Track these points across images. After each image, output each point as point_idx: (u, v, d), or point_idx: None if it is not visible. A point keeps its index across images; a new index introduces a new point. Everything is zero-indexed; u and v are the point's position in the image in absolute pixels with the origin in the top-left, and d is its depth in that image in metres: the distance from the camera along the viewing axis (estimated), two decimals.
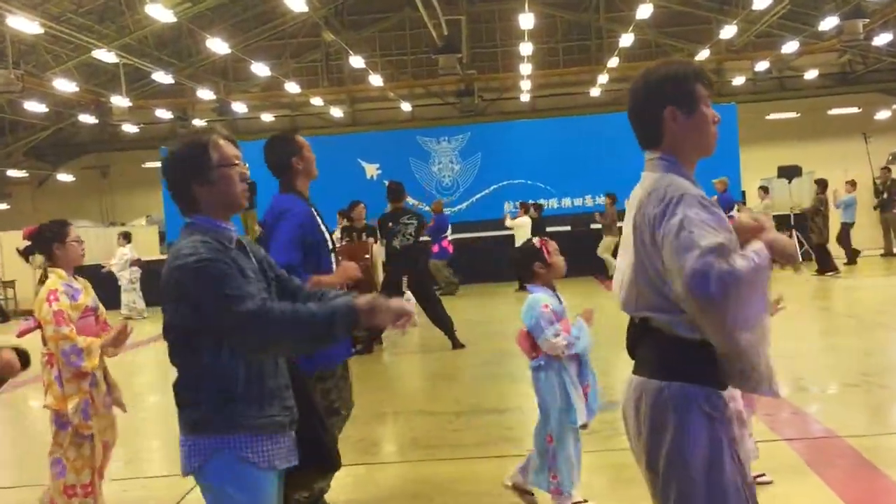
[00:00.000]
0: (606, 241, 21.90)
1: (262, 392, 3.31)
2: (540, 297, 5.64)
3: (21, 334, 5.76)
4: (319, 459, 3.67)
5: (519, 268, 5.84)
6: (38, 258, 6.06)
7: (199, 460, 3.26)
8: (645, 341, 3.13)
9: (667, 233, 2.92)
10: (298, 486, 4.53)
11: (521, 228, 21.30)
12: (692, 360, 2.99)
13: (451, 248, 20.41)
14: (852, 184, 22.78)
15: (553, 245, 5.74)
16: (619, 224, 20.78)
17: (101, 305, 6.12)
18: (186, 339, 3.27)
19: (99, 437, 5.85)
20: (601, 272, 21.75)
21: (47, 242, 5.87)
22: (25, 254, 5.98)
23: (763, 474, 5.89)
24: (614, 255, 21.54)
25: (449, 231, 20.82)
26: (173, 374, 3.36)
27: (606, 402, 8.73)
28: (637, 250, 3.08)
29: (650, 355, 3.11)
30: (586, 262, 21.73)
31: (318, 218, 5.78)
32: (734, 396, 3.07)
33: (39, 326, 5.77)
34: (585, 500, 5.69)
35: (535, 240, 5.86)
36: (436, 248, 18.99)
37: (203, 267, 3.21)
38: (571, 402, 5.56)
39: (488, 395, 9.61)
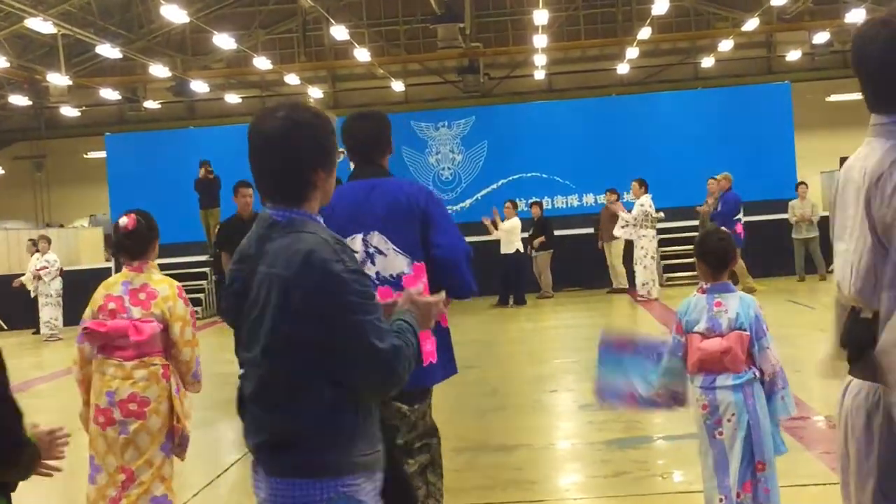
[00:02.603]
0: (616, 247, 21.79)
1: (373, 425, 3.33)
2: (753, 297, 5.55)
3: (143, 339, 5.66)
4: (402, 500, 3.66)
5: (720, 259, 5.59)
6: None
7: (318, 502, 3.20)
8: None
9: None
10: None
11: (512, 232, 21.16)
12: None
13: None
14: None
15: None
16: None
17: None
18: (312, 363, 3.19)
19: None
20: (618, 282, 21.79)
21: (155, 235, 5.98)
22: (132, 248, 5.94)
23: None
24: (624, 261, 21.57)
25: None
26: None
27: (635, 437, 8.76)
28: (876, 234, 3.03)
29: None
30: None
31: None
32: None
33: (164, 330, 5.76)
34: None
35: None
36: None
37: (353, 279, 3.17)
38: (775, 428, 5.45)
39: (494, 429, 9.60)
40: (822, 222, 20.23)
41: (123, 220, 5.90)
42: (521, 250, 21.39)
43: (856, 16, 31.96)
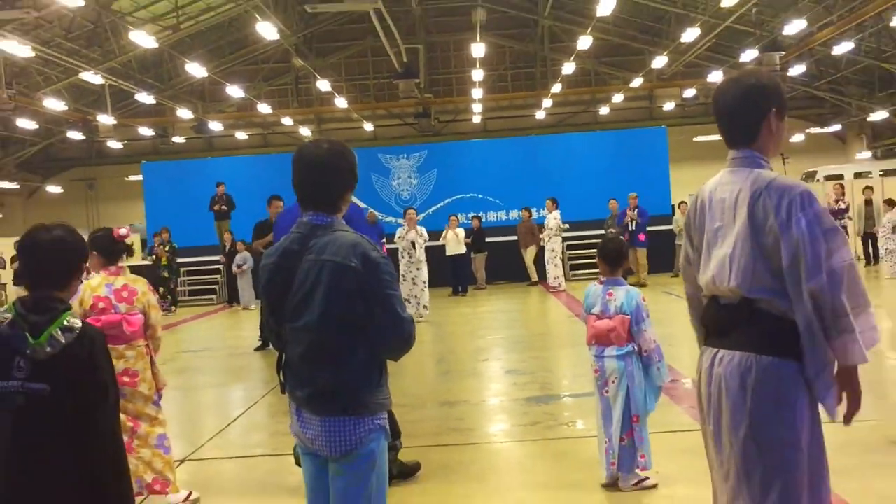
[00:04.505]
0: (531, 251, 22.01)
1: (386, 375, 3.44)
2: (638, 290, 5.63)
3: (135, 330, 5.64)
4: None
5: (615, 259, 5.65)
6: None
7: (361, 434, 3.32)
8: (751, 320, 3.07)
9: (809, 226, 2.95)
10: None
11: (460, 239, 21.28)
12: (795, 339, 2.98)
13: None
14: None
15: None
16: (542, 233, 21.02)
17: None
18: (357, 330, 3.30)
19: None
20: (536, 277, 21.87)
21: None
22: (126, 252, 5.91)
23: None
24: (534, 262, 21.78)
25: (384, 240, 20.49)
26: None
27: (548, 395, 8.80)
28: (756, 241, 3.05)
29: (760, 333, 3.05)
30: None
31: None
32: None
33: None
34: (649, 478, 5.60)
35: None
36: None
37: (384, 263, 3.32)
38: (648, 388, 5.51)
39: (441, 390, 9.62)
40: None
41: (124, 231, 5.87)
42: (464, 252, 21.48)
43: (716, 76, 32.31)
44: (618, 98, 37.46)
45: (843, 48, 30.47)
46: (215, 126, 38.20)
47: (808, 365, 2.98)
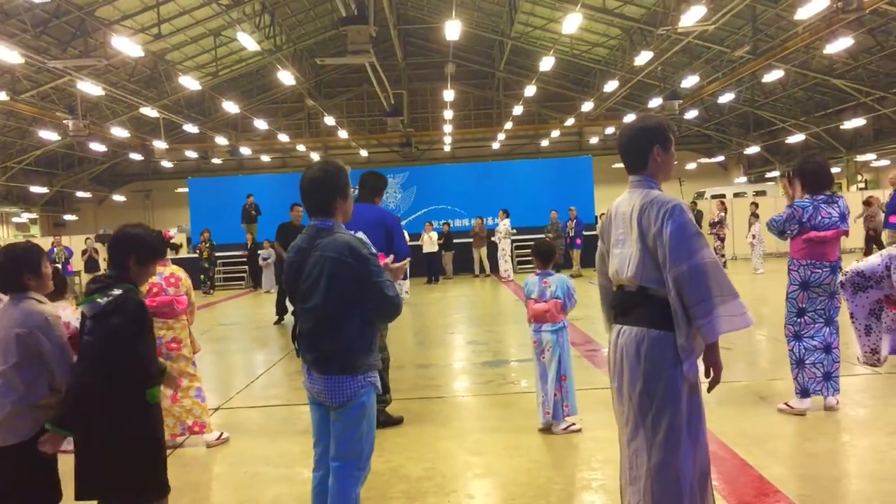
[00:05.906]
0: (481, 251, 22.10)
1: (376, 344, 3.40)
2: (567, 277, 5.62)
3: (183, 308, 5.63)
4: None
5: (547, 256, 5.61)
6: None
7: (355, 389, 3.29)
8: (644, 303, 3.10)
9: (674, 229, 2.99)
10: None
11: (433, 241, 21.47)
12: (671, 316, 3.02)
13: None
14: None
15: None
16: (493, 238, 21.15)
17: None
18: (351, 309, 3.27)
19: None
20: (489, 271, 21.90)
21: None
22: (170, 249, 5.82)
23: None
24: (488, 258, 21.84)
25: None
26: None
27: (498, 360, 8.80)
28: (644, 243, 3.08)
29: (650, 313, 3.07)
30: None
31: None
32: None
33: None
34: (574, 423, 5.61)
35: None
36: None
37: (372, 257, 3.27)
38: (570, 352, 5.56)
39: (417, 355, 9.58)
40: None
41: (172, 232, 5.89)
42: (437, 251, 21.51)
43: (630, 118, 32.45)
44: (555, 133, 37.65)
45: (726, 98, 30.81)
46: (245, 151, 37.94)
47: (677, 336, 3.02)
